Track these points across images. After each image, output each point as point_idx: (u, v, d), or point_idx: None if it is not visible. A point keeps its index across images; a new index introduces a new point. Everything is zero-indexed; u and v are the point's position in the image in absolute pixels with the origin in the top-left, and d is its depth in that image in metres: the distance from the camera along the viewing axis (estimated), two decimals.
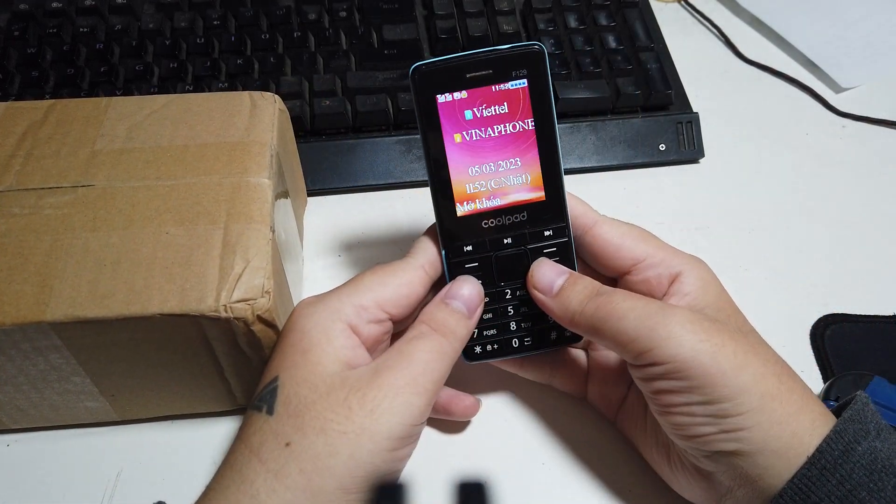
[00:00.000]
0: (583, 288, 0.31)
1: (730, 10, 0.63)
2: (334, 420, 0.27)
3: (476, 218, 0.32)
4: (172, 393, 0.35)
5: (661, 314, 0.29)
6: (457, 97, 0.30)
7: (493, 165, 0.31)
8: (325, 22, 0.53)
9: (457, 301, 0.31)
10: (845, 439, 0.27)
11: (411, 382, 0.28)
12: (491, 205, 0.32)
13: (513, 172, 0.32)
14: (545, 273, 0.32)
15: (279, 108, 0.38)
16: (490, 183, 0.32)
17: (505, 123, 0.31)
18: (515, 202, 0.32)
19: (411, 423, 0.28)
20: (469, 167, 0.31)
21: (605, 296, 0.30)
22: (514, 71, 0.30)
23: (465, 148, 0.31)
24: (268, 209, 0.33)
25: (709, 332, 0.29)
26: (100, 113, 0.36)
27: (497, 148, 0.31)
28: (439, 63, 0.30)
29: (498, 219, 0.32)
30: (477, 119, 0.30)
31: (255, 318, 0.30)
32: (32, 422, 0.36)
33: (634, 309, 0.29)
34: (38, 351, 0.31)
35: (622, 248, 0.33)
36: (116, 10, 0.53)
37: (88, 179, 0.34)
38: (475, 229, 0.32)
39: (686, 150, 0.51)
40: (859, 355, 0.41)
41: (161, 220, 0.32)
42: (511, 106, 0.30)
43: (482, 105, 0.30)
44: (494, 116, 0.30)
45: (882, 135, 0.54)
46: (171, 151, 0.35)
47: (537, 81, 0.30)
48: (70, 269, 0.30)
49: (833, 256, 0.46)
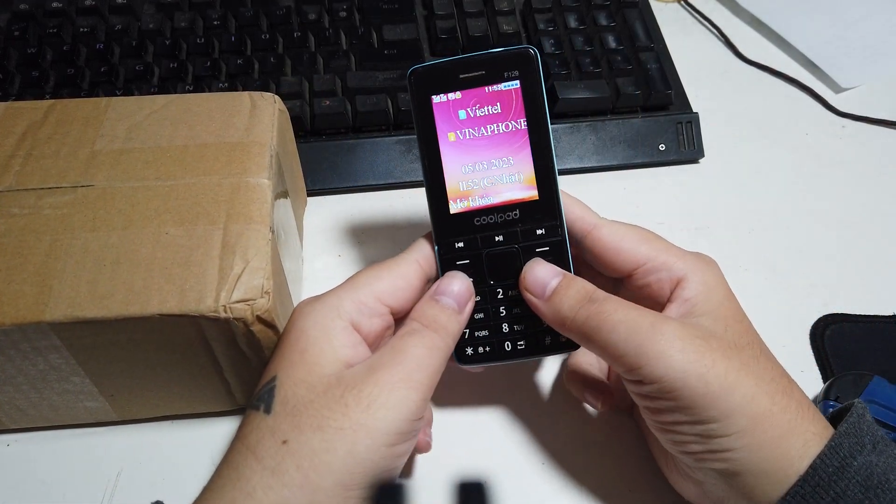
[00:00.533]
0: (575, 293, 0.31)
1: (730, 10, 0.63)
2: (331, 417, 0.27)
3: (469, 215, 0.32)
4: (172, 393, 0.35)
5: (652, 330, 0.28)
6: (451, 97, 0.31)
7: (486, 164, 0.32)
8: (325, 22, 0.53)
9: (446, 297, 0.31)
10: (840, 454, 0.27)
11: (406, 378, 0.28)
12: (484, 203, 0.32)
13: (505, 171, 0.32)
14: (538, 274, 0.32)
15: (279, 108, 0.38)
16: (483, 181, 0.32)
17: (498, 123, 0.31)
18: (508, 201, 0.32)
19: (408, 417, 0.28)
20: (462, 165, 0.32)
21: (597, 304, 0.30)
22: (506, 72, 0.31)
23: (458, 146, 0.31)
24: (267, 209, 0.33)
25: (700, 350, 0.28)
26: (99, 113, 0.36)
27: (490, 147, 0.32)
28: (435, 65, 0.31)
29: (490, 216, 0.32)
30: (471, 119, 0.31)
31: (254, 319, 0.30)
32: (32, 422, 0.36)
33: (625, 321, 0.29)
34: (37, 351, 0.31)
35: (621, 251, 0.32)
36: (116, 10, 0.53)
37: (88, 180, 0.33)
38: (468, 226, 0.32)
39: (686, 150, 0.51)
40: (859, 355, 0.41)
41: (160, 220, 0.32)
42: (504, 106, 0.31)
43: (476, 105, 0.31)
44: (488, 116, 0.31)
45: (882, 135, 0.54)
46: (171, 152, 0.35)
47: (530, 83, 0.31)
48: (69, 270, 0.30)
49: (833, 256, 0.46)
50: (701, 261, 0.32)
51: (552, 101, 0.50)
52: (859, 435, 0.28)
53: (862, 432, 0.28)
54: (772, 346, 0.31)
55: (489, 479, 0.37)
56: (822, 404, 0.37)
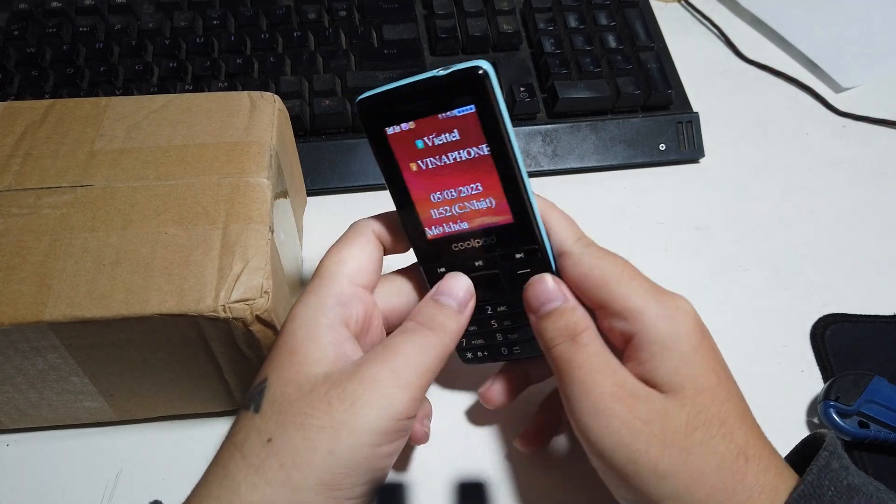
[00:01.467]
0: (564, 325, 0.30)
1: (730, 10, 0.63)
2: (313, 416, 0.26)
3: (446, 241, 0.31)
4: (171, 393, 0.35)
5: (598, 402, 0.28)
6: (405, 128, 0.28)
7: (454, 191, 0.30)
8: (324, 21, 0.53)
9: (445, 296, 0.31)
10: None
11: (391, 375, 0.27)
12: (459, 228, 0.31)
13: (475, 197, 0.30)
14: (541, 290, 0.31)
15: (279, 107, 0.38)
16: (454, 208, 0.30)
17: (458, 150, 0.29)
18: (482, 225, 0.31)
19: (393, 416, 0.27)
20: (430, 193, 0.30)
21: (575, 347, 0.29)
22: (456, 98, 0.28)
23: (423, 175, 0.29)
24: (267, 209, 0.33)
25: (633, 434, 0.27)
26: (99, 113, 0.36)
27: (456, 174, 0.29)
28: (381, 94, 0.28)
29: (467, 241, 0.31)
30: (429, 148, 0.29)
31: (253, 319, 0.30)
32: (31, 422, 0.36)
33: (584, 383, 0.28)
34: (36, 351, 0.31)
35: (581, 289, 0.31)
36: (116, 10, 0.53)
37: (87, 179, 0.33)
38: (447, 251, 0.31)
39: (686, 150, 0.51)
40: (859, 355, 0.41)
41: (160, 220, 0.32)
42: (462, 132, 0.28)
43: (432, 134, 0.28)
44: (446, 144, 0.29)
45: (882, 134, 0.54)
46: (170, 151, 0.35)
47: (485, 105, 0.28)
48: (69, 270, 0.30)
49: (834, 256, 0.46)
50: (663, 309, 0.29)
51: (552, 101, 0.50)
52: (819, 494, 0.26)
53: (822, 489, 0.27)
54: (772, 347, 0.31)
55: (489, 479, 0.37)
56: (823, 404, 0.37)
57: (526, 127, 0.50)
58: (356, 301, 0.30)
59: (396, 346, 0.29)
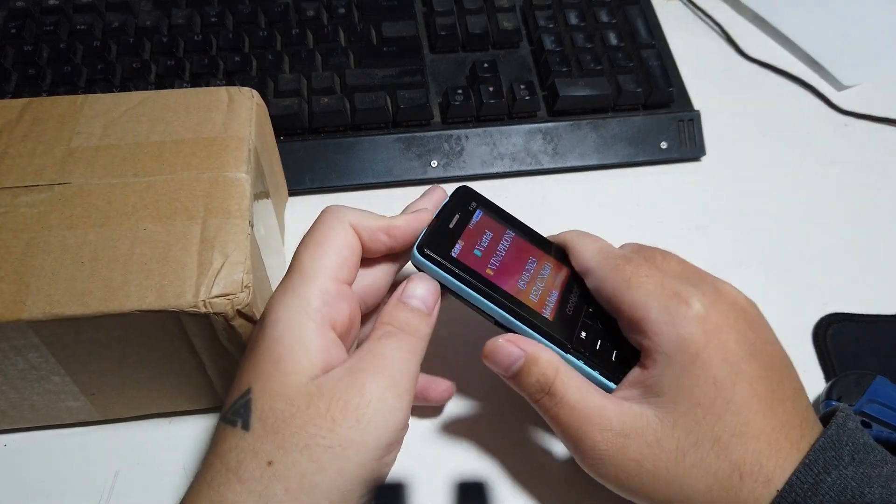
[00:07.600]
0: (535, 381, 0.30)
1: (731, 8, 0.63)
2: (318, 434, 0.25)
3: (557, 312, 0.33)
4: (154, 391, 0.35)
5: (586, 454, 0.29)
6: (458, 247, 0.32)
7: (526, 273, 0.33)
8: (323, 19, 0.53)
9: (414, 299, 0.30)
10: (814, 471, 0.27)
11: (392, 386, 0.27)
12: (555, 297, 0.33)
13: (539, 266, 0.34)
14: (499, 358, 0.31)
15: (257, 102, 0.37)
16: (538, 284, 0.33)
17: (499, 240, 0.34)
18: (562, 283, 0.34)
19: (397, 428, 0.27)
20: (517, 283, 0.33)
21: (553, 400, 0.30)
22: (465, 209, 0.34)
23: (499, 272, 0.33)
24: (246, 204, 0.33)
25: (629, 475, 0.29)
26: (75, 110, 0.36)
27: (514, 260, 0.33)
28: (430, 235, 0.32)
29: (568, 303, 0.33)
30: (485, 251, 0.33)
31: (234, 313, 0.30)
32: (12, 423, 0.36)
33: (570, 435, 0.30)
34: (16, 350, 0.31)
35: (602, 303, 0.33)
36: (113, 8, 0.52)
37: (65, 177, 0.33)
38: (567, 319, 0.33)
39: (687, 149, 0.51)
40: (861, 355, 0.41)
41: (138, 216, 0.32)
42: (490, 228, 0.34)
43: (479, 242, 0.33)
44: (491, 241, 0.33)
45: (884, 133, 0.53)
46: (148, 148, 0.34)
47: (484, 205, 0.35)
48: (47, 267, 0.30)
49: (835, 255, 0.46)
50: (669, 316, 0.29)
51: (553, 99, 0.50)
52: (837, 447, 0.27)
53: (841, 444, 0.27)
54: None
55: (489, 479, 0.37)
56: (824, 404, 0.37)
57: (526, 125, 0.50)
58: (341, 300, 0.29)
59: (385, 352, 0.28)
